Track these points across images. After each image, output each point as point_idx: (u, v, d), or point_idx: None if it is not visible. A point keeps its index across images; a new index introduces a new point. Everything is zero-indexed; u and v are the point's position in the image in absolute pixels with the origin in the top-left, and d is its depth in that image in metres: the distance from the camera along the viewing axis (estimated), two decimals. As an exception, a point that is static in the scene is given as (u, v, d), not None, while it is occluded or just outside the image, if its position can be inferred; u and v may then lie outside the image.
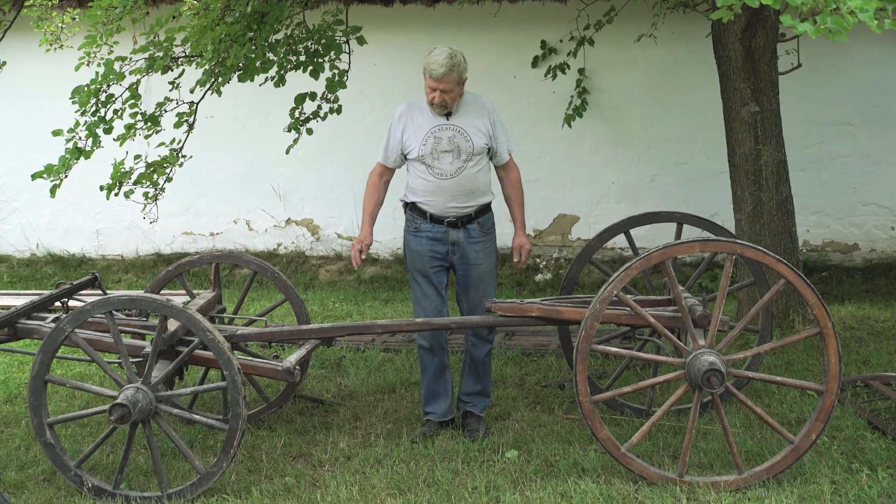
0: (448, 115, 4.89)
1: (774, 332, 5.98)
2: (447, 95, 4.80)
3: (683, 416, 5.00)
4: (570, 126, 8.59)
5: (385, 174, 5.11)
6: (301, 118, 6.26)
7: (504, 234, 5.51)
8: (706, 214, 6.44)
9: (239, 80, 5.63)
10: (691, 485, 4.14)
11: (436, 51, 4.80)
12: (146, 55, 5.58)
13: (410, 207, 5.02)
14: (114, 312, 4.26)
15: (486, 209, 5.02)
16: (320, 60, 5.92)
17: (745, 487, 4.13)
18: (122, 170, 5.65)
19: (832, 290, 8.09)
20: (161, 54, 5.52)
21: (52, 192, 5.42)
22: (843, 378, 5.34)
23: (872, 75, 8.50)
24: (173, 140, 5.91)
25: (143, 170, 5.73)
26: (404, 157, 5.00)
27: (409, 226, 5.05)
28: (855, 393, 5.33)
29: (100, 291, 5.30)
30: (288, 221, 9.57)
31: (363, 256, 5.01)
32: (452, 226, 4.94)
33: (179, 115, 5.85)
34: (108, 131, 5.51)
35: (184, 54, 5.76)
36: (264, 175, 9.48)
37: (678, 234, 5.22)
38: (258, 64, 5.57)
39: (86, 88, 5.44)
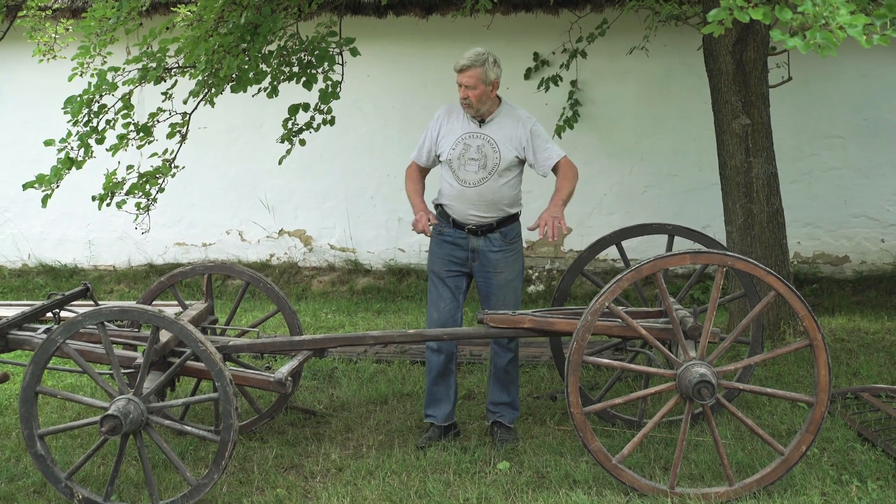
0: (482, 122, 4.92)
1: (765, 344, 6.00)
2: (471, 91, 4.82)
3: (674, 428, 5.01)
4: (560, 137, 8.61)
5: (421, 171, 5.15)
6: (294, 129, 6.26)
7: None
8: (698, 226, 6.45)
9: (232, 91, 5.64)
10: (682, 496, 4.15)
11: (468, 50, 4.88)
12: (139, 66, 5.58)
13: (439, 210, 5.05)
14: (105, 323, 4.26)
15: (510, 219, 4.99)
16: (313, 71, 5.93)
17: (735, 499, 4.15)
18: (115, 180, 5.65)
19: (823, 302, 8.13)
20: (154, 65, 5.53)
21: (44, 202, 5.41)
22: (834, 390, 5.36)
23: (863, 88, 8.55)
24: (166, 150, 5.92)
25: (135, 180, 5.73)
26: (437, 159, 5.03)
27: (435, 227, 5.01)
28: (845, 405, 5.34)
29: (91, 302, 5.30)
30: (280, 232, 9.58)
31: (431, 225, 4.86)
32: (473, 233, 4.94)
33: (172, 125, 5.86)
34: (100, 142, 5.51)
35: (177, 65, 5.78)
36: (257, 186, 9.48)
37: (669, 246, 5.24)
38: (251, 75, 5.57)
39: (78, 99, 5.44)
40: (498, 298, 4.96)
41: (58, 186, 5.45)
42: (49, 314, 4.99)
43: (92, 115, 5.52)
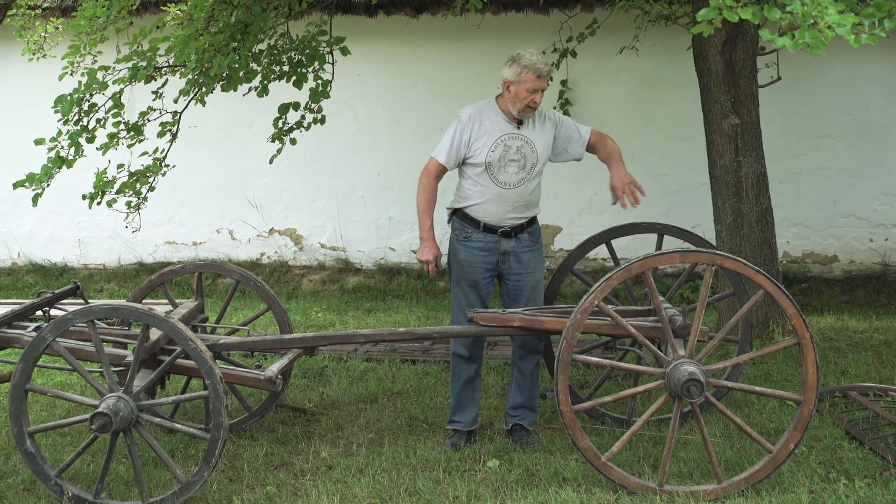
0: (519, 124, 4.85)
1: (754, 343, 6.02)
2: (540, 95, 4.78)
3: (664, 426, 5.03)
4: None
5: (440, 176, 4.88)
6: (285, 128, 6.26)
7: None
8: (687, 226, 6.48)
9: (222, 90, 5.64)
10: (671, 494, 4.16)
11: (526, 53, 4.76)
12: (129, 65, 5.58)
13: (460, 215, 4.93)
14: (96, 321, 4.26)
15: (535, 220, 5.05)
16: (304, 71, 5.93)
17: (724, 497, 4.17)
18: (105, 179, 5.64)
19: (812, 302, 8.16)
20: (144, 64, 5.52)
21: (34, 201, 5.40)
22: (822, 388, 5.38)
23: (851, 88, 8.60)
24: (156, 149, 5.91)
25: (125, 179, 5.72)
26: (464, 161, 4.87)
27: (457, 234, 4.93)
28: (833, 403, 5.38)
29: (81, 301, 5.29)
30: (271, 231, 9.57)
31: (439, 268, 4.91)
32: (505, 235, 4.90)
33: (162, 124, 5.85)
34: (90, 140, 5.51)
35: (167, 64, 5.77)
36: (247, 185, 9.47)
37: (659, 245, 5.26)
38: (241, 74, 5.57)
39: (68, 98, 5.43)
40: (528, 299, 4.94)
41: (48, 185, 5.44)
42: (39, 312, 4.99)
43: (82, 114, 5.51)
